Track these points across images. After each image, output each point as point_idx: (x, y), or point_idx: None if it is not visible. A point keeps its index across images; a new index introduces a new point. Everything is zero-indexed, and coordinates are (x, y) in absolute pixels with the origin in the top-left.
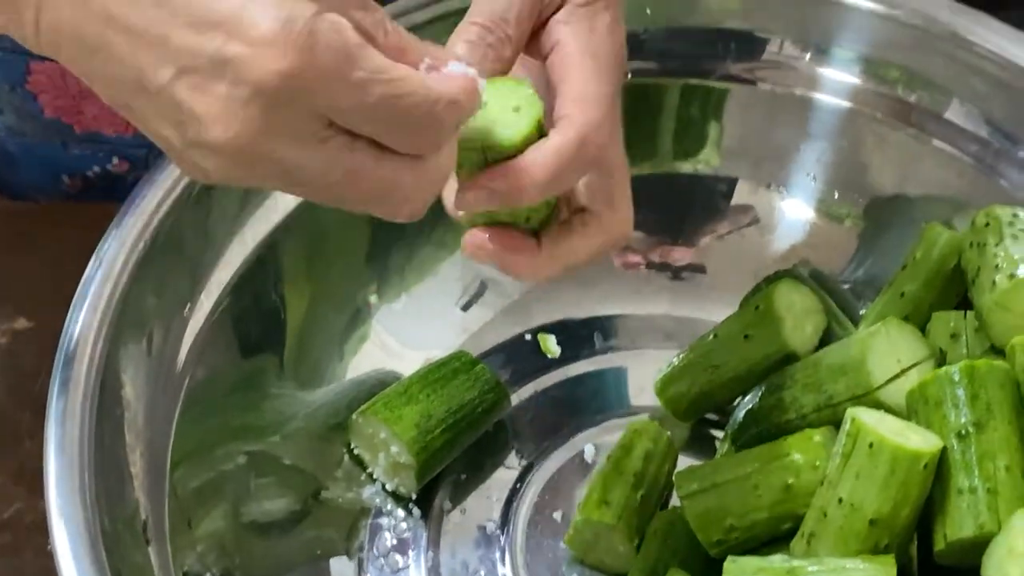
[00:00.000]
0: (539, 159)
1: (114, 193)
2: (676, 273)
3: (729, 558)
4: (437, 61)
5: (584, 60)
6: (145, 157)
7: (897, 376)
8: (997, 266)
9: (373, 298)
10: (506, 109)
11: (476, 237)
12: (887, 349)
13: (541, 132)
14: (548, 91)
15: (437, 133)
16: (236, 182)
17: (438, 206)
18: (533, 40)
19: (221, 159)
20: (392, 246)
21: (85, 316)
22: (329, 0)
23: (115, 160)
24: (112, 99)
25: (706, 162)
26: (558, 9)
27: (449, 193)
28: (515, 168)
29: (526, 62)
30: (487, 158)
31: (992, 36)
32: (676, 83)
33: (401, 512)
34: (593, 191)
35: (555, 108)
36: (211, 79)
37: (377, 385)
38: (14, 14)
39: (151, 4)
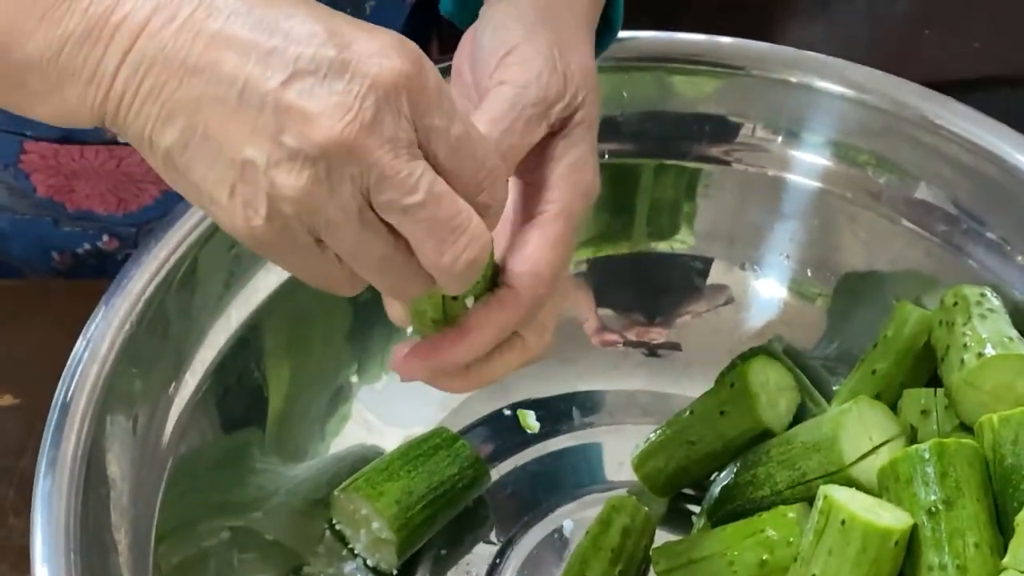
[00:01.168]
0: (482, 336)
1: (103, 270)
2: (653, 350)
3: None
4: None
5: (554, 228)
6: (134, 235)
7: (868, 453)
8: (965, 345)
9: (354, 378)
10: None
11: (407, 370)
12: (859, 427)
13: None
14: (515, 214)
15: (495, 182)
16: (308, 215)
17: None
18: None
19: (313, 168)
20: (373, 327)
21: (72, 395)
22: None
23: (105, 238)
24: (187, 137)
25: (682, 242)
26: (557, 133)
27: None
28: (455, 344)
29: None
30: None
31: (958, 120)
32: (651, 163)
33: None
34: (515, 274)
35: (513, 253)
36: (329, 78)
37: (359, 461)
38: (92, 49)
39: (257, 21)
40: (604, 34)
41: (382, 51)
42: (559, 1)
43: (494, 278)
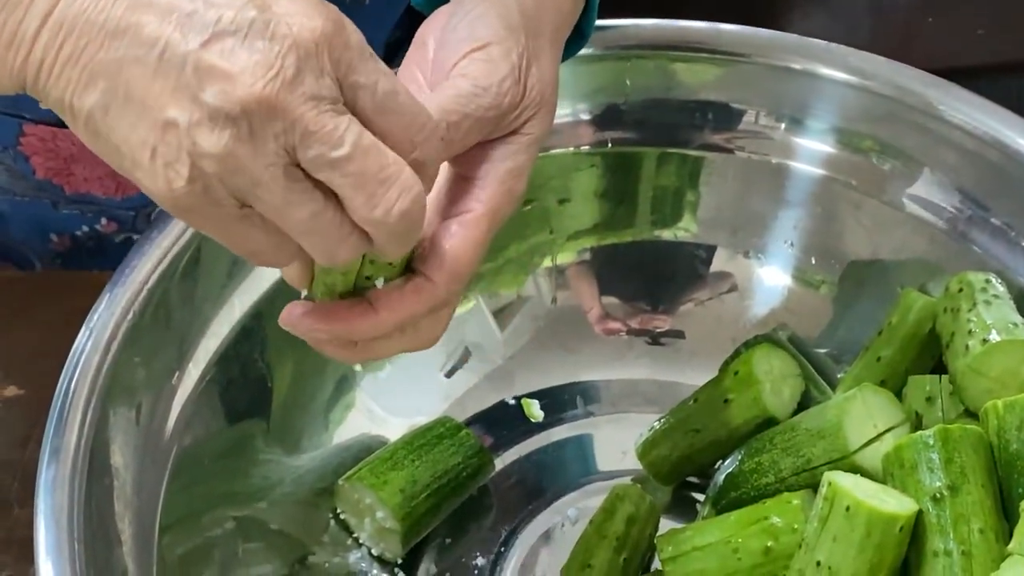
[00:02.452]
0: (390, 317)
1: (102, 253)
2: (656, 339)
3: None
4: None
5: (480, 227)
6: (133, 219)
7: (873, 440)
8: (970, 331)
9: (357, 367)
10: None
11: (297, 324)
12: (863, 414)
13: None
14: (440, 203)
15: (428, 139)
16: (230, 175)
17: None
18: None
19: (234, 127)
20: None
21: (75, 385)
22: None
23: (104, 221)
24: (108, 99)
25: (685, 230)
26: (503, 137)
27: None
28: (361, 318)
29: None
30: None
31: (962, 106)
32: (654, 151)
33: None
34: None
35: (434, 244)
36: (250, 39)
37: (363, 451)
38: (12, 13)
39: None
40: (574, 41)
41: (303, 11)
42: (545, 6)
43: (408, 263)
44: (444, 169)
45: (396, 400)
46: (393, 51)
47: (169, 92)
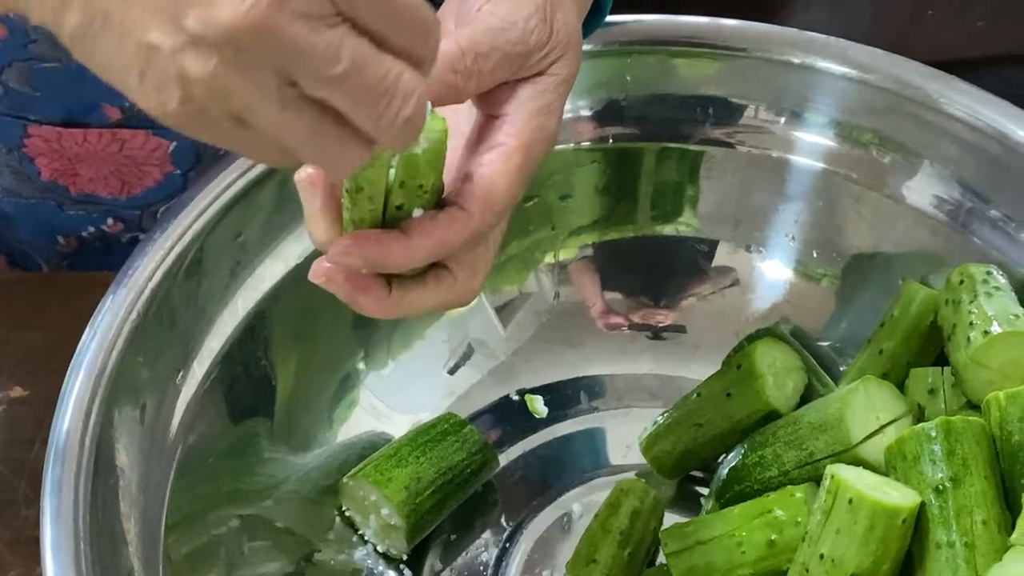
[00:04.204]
0: (423, 243)
1: (109, 253)
2: (658, 333)
3: None
4: None
5: (512, 160)
6: (139, 218)
7: (875, 433)
8: (972, 323)
9: (361, 365)
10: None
11: (329, 270)
12: (865, 406)
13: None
14: (470, 143)
15: (427, 39)
16: (221, 98)
17: None
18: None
19: (221, 54)
20: None
21: (80, 385)
22: None
23: (109, 221)
24: (87, 21)
25: (686, 224)
26: (530, 77)
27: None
28: (395, 242)
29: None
30: (387, 192)
31: (963, 98)
32: (655, 147)
33: (392, 573)
34: (460, 255)
35: (467, 177)
36: None
37: (367, 448)
38: None
39: None
40: (593, 17)
41: None
42: None
43: (439, 197)
44: (473, 111)
45: (400, 397)
46: None
47: (149, 16)
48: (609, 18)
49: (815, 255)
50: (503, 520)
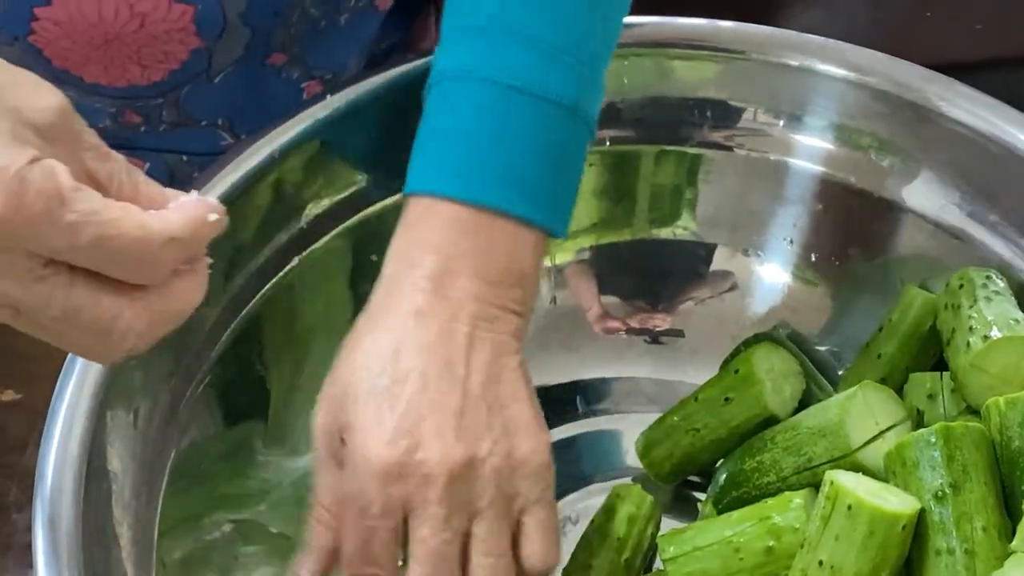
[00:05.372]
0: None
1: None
2: (656, 337)
3: None
4: (178, 203)
5: None
6: (160, 108)
7: (875, 438)
8: (971, 328)
9: None
10: None
11: None
12: (864, 412)
13: None
14: None
15: (153, 269)
16: None
17: None
18: None
19: None
20: None
21: (72, 390)
22: (57, 149)
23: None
24: None
25: (684, 228)
26: None
27: None
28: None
29: None
30: None
31: (961, 101)
32: (652, 149)
33: None
34: None
35: None
36: None
37: None
38: None
39: None
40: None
41: None
42: None
43: None
44: None
45: None
46: (384, 57)
47: None
48: None
49: (813, 259)
50: None
